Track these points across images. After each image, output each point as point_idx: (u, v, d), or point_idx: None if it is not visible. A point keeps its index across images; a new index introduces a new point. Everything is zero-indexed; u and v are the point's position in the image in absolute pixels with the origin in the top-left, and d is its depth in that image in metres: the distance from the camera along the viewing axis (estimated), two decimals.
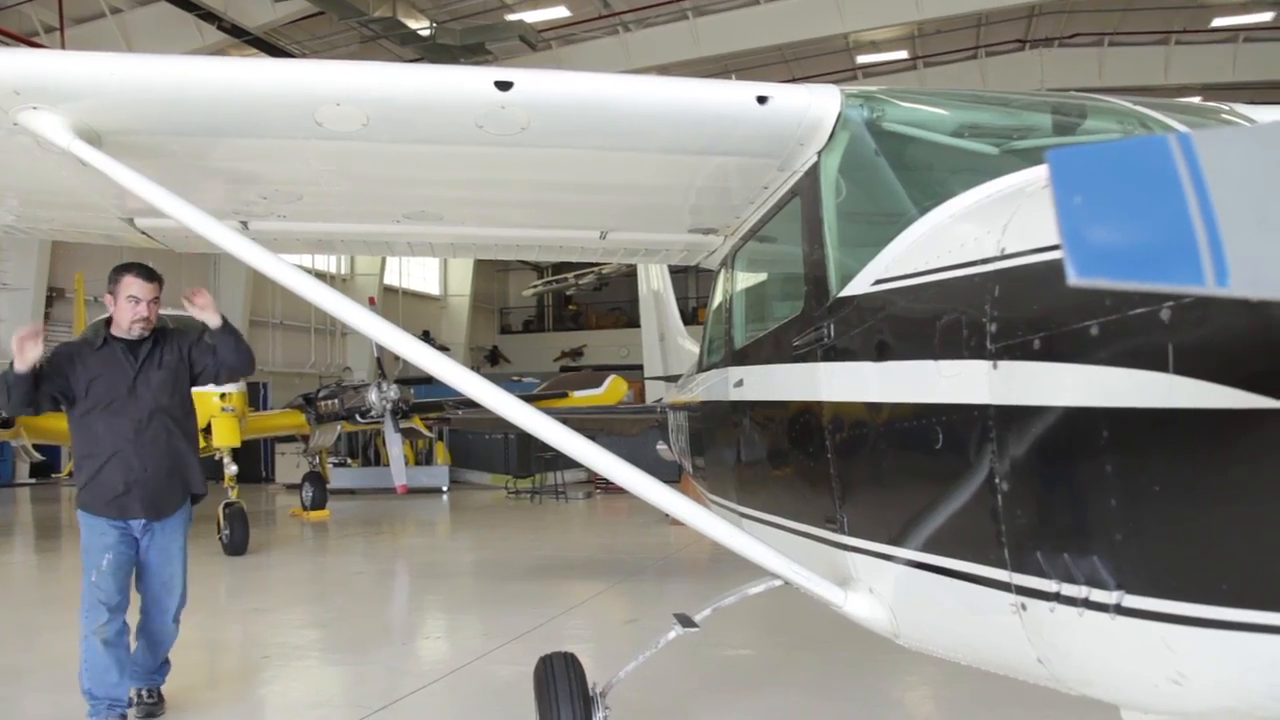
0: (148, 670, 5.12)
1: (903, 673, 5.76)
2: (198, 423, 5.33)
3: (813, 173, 3.50)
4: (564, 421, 3.09)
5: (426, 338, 29.08)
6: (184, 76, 3.17)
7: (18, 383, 4.53)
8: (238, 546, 11.47)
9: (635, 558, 11.26)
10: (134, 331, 4.86)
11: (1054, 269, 1.97)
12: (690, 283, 33.56)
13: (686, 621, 3.65)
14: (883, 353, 2.77)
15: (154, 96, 3.20)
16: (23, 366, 4.48)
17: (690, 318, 15.78)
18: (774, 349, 3.81)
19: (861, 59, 26.44)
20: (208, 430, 11.28)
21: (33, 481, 23.72)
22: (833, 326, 3.11)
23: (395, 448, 14.34)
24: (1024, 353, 2.10)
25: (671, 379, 9.11)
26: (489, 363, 37.81)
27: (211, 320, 4.84)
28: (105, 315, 5.15)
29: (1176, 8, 23.79)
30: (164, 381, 4.91)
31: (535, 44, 22.67)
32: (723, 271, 5.14)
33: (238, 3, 20.30)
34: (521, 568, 10.83)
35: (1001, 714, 4.92)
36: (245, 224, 4.46)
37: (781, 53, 24.94)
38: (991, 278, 2.23)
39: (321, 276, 11.99)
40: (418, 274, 36.42)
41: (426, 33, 21.76)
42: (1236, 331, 1.68)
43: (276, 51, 22.27)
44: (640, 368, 12.83)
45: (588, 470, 13.79)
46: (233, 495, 11.76)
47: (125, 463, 4.77)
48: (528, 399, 7.99)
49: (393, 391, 14.50)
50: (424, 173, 3.98)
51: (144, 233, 4.54)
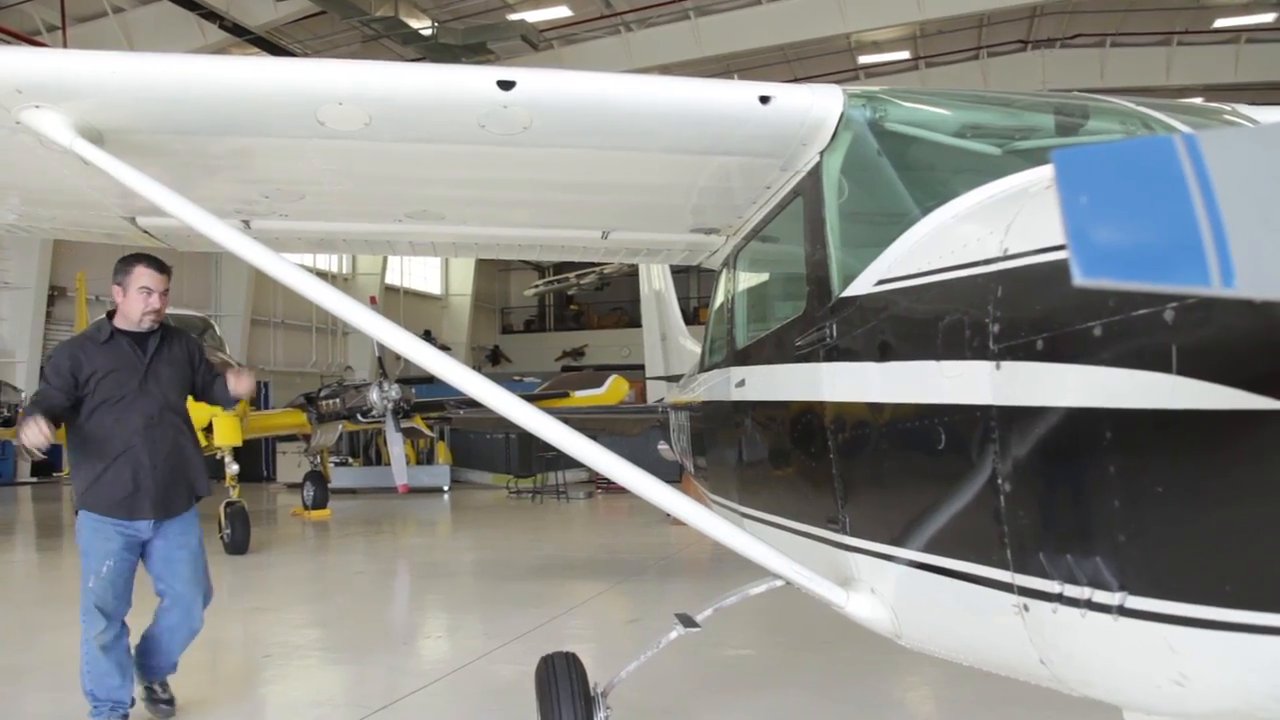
0: (167, 667, 5.01)
1: (904, 673, 5.76)
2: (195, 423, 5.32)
3: (815, 173, 3.49)
4: (565, 421, 3.08)
5: (428, 337, 29.05)
6: (186, 75, 3.17)
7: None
8: (239, 545, 11.47)
9: (636, 557, 11.25)
10: (144, 324, 4.74)
11: (1057, 269, 1.97)
12: (692, 283, 33.52)
13: (688, 621, 3.65)
14: (885, 353, 2.77)
15: (156, 95, 3.19)
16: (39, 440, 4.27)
17: (692, 318, 15.73)
18: (776, 349, 3.81)
19: (863, 59, 26.47)
20: (209, 429, 11.30)
21: (34, 480, 23.71)
22: (835, 327, 3.10)
23: (396, 447, 14.33)
24: (1027, 353, 2.10)
25: (673, 379, 9.09)
26: (490, 362, 37.83)
27: (237, 390, 4.97)
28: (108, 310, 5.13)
29: (1178, 9, 23.80)
30: (173, 379, 4.83)
31: (537, 44, 22.69)
32: (725, 271, 5.13)
33: (240, 2, 20.34)
34: (523, 567, 10.82)
35: (1003, 715, 4.91)
36: (247, 223, 4.44)
37: (783, 53, 24.97)
38: (994, 278, 2.22)
39: (323, 276, 12.03)
40: (419, 273, 36.45)
41: (428, 32, 21.80)
42: (1241, 333, 1.68)
43: (278, 51, 22.28)
44: (642, 368, 12.81)
45: (589, 470, 13.82)
46: (234, 494, 11.76)
47: (135, 460, 4.62)
48: (529, 399, 7.95)
49: (394, 391, 14.47)
50: (426, 172, 3.97)
51: (146, 231, 4.53)
